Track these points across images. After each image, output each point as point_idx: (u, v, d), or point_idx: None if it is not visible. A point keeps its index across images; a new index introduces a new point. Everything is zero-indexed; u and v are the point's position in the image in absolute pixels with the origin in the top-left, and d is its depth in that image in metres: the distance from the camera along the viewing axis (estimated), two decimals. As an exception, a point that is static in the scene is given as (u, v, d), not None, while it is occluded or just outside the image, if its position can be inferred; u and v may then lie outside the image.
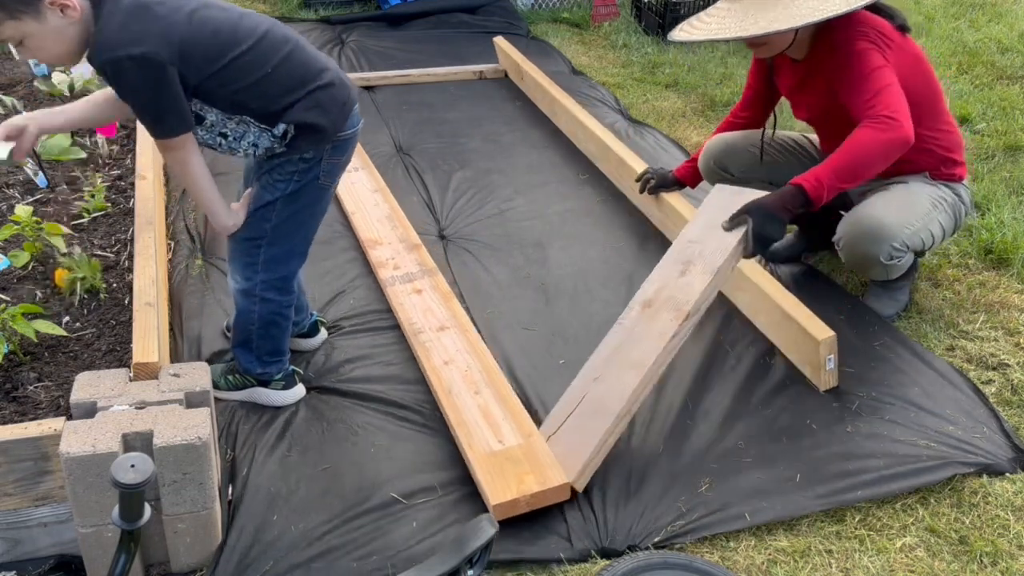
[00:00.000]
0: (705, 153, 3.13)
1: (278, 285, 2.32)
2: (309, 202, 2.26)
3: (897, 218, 2.66)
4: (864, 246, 2.67)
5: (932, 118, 2.70)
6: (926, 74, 2.69)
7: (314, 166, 2.21)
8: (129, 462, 1.45)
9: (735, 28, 2.58)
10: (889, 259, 2.68)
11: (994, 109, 4.43)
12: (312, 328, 2.67)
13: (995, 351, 2.74)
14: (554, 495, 2.11)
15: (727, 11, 2.67)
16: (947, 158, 2.77)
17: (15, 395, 2.17)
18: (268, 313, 2.34)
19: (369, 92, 4.68)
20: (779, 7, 2.55)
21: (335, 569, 1.97)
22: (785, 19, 2.51)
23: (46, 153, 3.08)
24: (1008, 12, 5.98)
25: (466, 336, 2.62)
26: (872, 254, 2.67)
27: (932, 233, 2.73)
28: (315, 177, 2.23)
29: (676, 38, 2.75)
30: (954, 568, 2.03)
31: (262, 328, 2.36)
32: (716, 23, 2.66)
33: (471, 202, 3.57)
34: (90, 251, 2.77)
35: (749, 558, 2.04)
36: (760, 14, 2.56)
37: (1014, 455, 2.32)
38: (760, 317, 2.78)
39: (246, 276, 2.30)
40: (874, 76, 2.49)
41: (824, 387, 2.53)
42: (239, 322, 2.38)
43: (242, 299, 2.34)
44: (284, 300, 2.35)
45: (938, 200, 2.75)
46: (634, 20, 5.94)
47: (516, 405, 2.36)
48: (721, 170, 3.08)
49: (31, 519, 1.93)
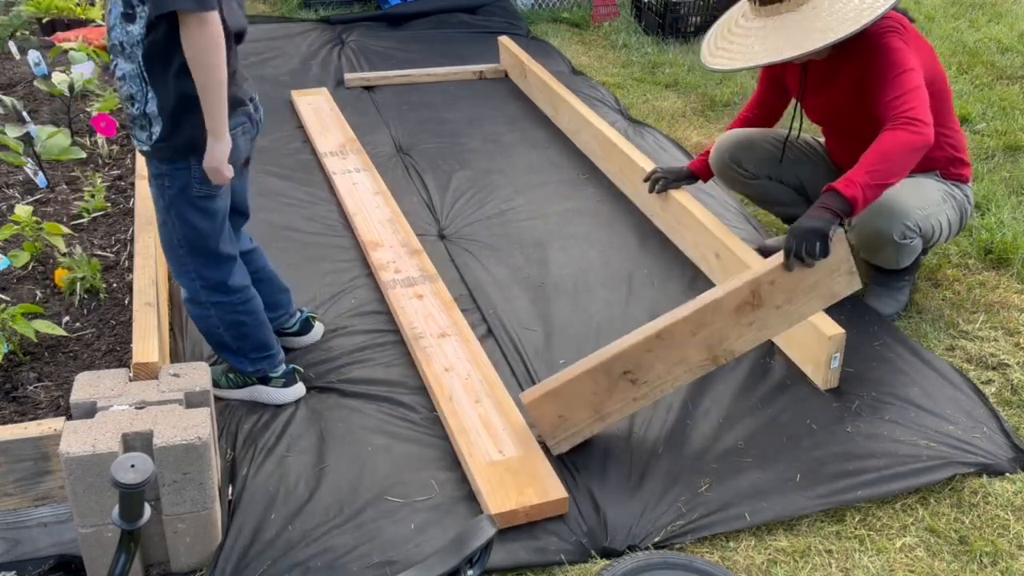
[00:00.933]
0: (718, 148, 3.10)
1: (219, 288, 2.30)
2: (195, 210, 2.19)
3: (910, 201, 2.67)
4: (878, 223, 2.67)
5: (944, 116, 2.71)
6: (940, 72, 2.71)
7: (182, 174, 2.14)
8: (129, 462, 1.45)
9: (782, 47, 2.52)
10: (902, 238, 2.67)
11: (994, 109, 4.43)
12: (304, 325, 2.67)
13: (995, 351, 2.74)
14: (553, 508, 2.11)
15: (760, 29, 2.62)
16: (956, 158, 2.79)
17: (15, 395, 2.17)
18: (225, 315, 2.32)
19: (369, 92, 4.68)
20: (815, 18, 2.51)
21: (334, 569, 1.97)
22: (835, 28, 2.46)
23: (46, 153, 3.08)
24: (1008, 12, 5.97)
25: (467, 346, 2.62)
26: (885, 231, 2.66)
27: (940, 224, 2.74)
28: (185, 186, 2.15)
29: (716, 66, 2.69)
30: (954, 568, 2.03)
31: (230, 329, 2.35)
32: (757, 45, 2.59)
33: (471, 202, 3.57)
34: (90, 251, 2.77)
35: (749, 558, 2.04)
36: (798, 30, 2.52)
37: (1014, 455, 2.32)
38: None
39: (185, 285, 2.31)
40: (905, 77, 2.47)
41: (825, 386, 2.52)
42: (203, 330, 2.38)
43: (192, 308, 2.34)
44: (234, 298, 2.32)
45: (947, 195, 2.77)
46: (634, 20, 5.93)
47: (516, 417, 2.35)
48: (735, 164, 3.07)
49: (31, 519, 1.93)
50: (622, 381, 2.25)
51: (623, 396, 2.27)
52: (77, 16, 4.67)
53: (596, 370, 2.22)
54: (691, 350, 2.27)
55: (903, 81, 2.47)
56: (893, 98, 2.46)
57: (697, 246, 3.10)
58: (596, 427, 2.28)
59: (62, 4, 4.64)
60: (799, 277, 2.31)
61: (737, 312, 2.28)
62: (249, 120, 2.22)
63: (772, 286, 2.29)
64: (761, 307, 2.30)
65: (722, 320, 2.27)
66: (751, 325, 2.30)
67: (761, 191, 3.11)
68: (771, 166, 3.05)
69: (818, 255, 2.27)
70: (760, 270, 2.30)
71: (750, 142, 3.06)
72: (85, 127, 3.55)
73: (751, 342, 2.33)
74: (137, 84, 2.06)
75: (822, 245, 2.27)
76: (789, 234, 2.32)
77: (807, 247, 2.26)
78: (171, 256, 2.28)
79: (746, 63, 2.59)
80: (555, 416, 2.23)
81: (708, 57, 2.75)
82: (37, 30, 4.67)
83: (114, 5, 2.02)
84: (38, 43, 4.48)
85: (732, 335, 2.30)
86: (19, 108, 3.28)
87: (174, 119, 2.07)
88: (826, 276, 2.34)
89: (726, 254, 2.89)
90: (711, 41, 2.82)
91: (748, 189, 3.13)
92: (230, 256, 2.31)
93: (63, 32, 4.50)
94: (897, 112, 2.44)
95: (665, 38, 5.60)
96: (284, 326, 2.62)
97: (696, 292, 2.96)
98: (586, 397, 2.24)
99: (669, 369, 2.27)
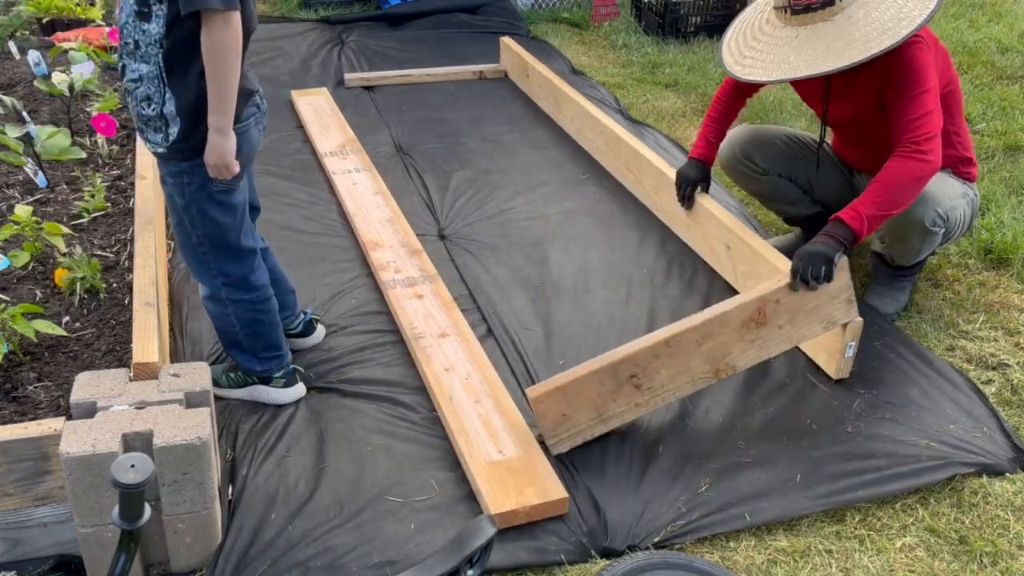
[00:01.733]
0: (729, 142, 3.09)
1: (240, 285, 2.30)
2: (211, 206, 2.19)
3: (938, 190, 2.68)
4: (911, 209, 2.64)
5: (956, 117, 2.73)
6: (955, 76, 2.71)
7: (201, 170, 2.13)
8: (129, 462, 1.45)
9: (820, 60, 2.50)
10: (933, 224, 2.67)
11: (994, 109, 4.43)
12: (307, 327, 2.67)
13: (995, 351, 2.74)
14: (553, 508, 2.11)
15: (791, 39, 2.58)
16: (965, 157, 2.81)
17: (15, 395, 2.17)
18: (243, 312, 2.33)
19: (369, 92, 4.68)
20: (852, 28, 2.49)
21: (334, 569, 1.97)
22: (876, 40, 2.44)
23: (46, 153, 3.08)
24: (1008, 12, 5.97)
25: (467, 346, 2.62)
26: (917, 216, 2.66)
27: (959, 217, 2.75)
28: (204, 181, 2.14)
29: (749, 77, 2.65)
30: (954, 568, 2.03)
31: (246, 327, 2.35)
32: (793, 56, 2.55)
33: (471, 202, 3.57)
34: (90, 251, 2.77)
35: (749, 558, 2.04)
36: (836, 41, 2.49)
37: (1014, 455, 2.32)
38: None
39: (207, 282, 2.30)
40: (924, 98, 2.49)
41: (838, 375, 2.54)
42: (219, 328, 2.38)
43: (212, 305, 2.34)
44: (255, 296, 2.32)
45: (963, 191, 2.79)
46: (634, 20, 5.93)
47: (516, 417, 2.35)
48: (746, 159, 3.06)
49: (31, 519, 1.93)
50: (627, 385, 2.27)
51: (626, 400, 2.28)
52: (77, 16, 4.68)
53: (603, 371, 2.24)
54: (695, 360, 2.32)
55: (921, 103, 2.49)
56: (908, 120, 2.49)
57: (706, 238, 3.10)
58: (597, 429, 2.29)
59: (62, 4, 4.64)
60: (802, 300, 2.38)
61: (742, 327, 2.34)
62: (259, 110, 2.22)
63: (777, 305, 2.36)
64: (764, 325, 2.36)
65: (727, 334, 2.33)
66: (753, 342, 2.37)
67: (770, 187, 3.10)
68: (782, 162, 3.05)
69: (823, 279, 2.36)
70: (767, 288, 2.37)
71: (762, 138, 3.06)
72: (85, 127, 3.55)
73: (752, 359, 2.39)
74: (155, 85, 2.03)
75: (827, 270, 2.36)
76: (796, 257, 2.39)
77: (813, 270, 2.35)
78: (191, 255, 2.27)
79: (784, 75, 2.56)
80: (559, 414, 2.24)
81: (735, 66, 2.72)
82: (37, 30, 4.67)
83: (125, 3, 2.00)
84: (38, 43, 4.48)
85: (735, 350, 2.35)
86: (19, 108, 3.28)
87: (193, 119, 2.06)
88: (827, 301, 2.42)
89: (737, 245, 2.90)
90: (732, 47, 2.78)
91: (756, 185, 3.12)
92: (251, 250, 2.32)
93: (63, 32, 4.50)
94: (909, 137, 2.47)
95: (665, 38, 5.60)
96: (288, 327, 2.62)
97: (696, 291, 2.98)
98: (591, 397, 2.25)
99: (673, 377, 2.31)
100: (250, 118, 2.16)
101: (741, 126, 3.12)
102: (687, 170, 3.12)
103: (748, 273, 2.86)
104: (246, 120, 2.14)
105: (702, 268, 3.12)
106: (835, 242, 2.41)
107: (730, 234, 2.92)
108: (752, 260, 2.82)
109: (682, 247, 3.25)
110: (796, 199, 3.11)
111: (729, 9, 5.62)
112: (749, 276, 2.85)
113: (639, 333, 2.76)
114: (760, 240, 2.86)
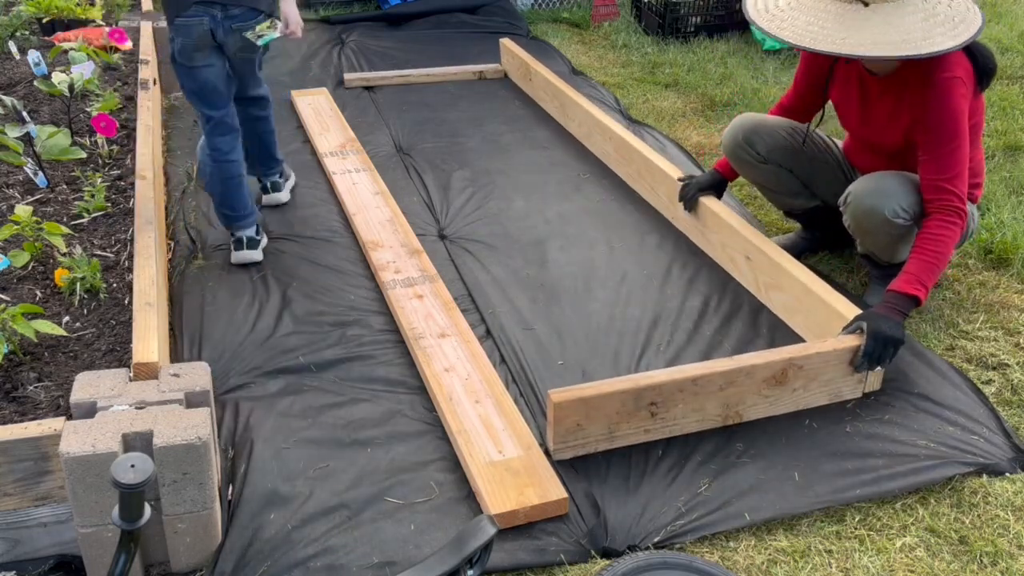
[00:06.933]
0: (732, 127, 3.10)
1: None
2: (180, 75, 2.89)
3: (907, 185, 2.69)
4: (871, 199, 2.69)
5: (975, 144, 2.73)
6: (981, 105, 2.70)
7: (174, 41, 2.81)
8: (129, 462, 1.45)
9: (871, 43, 2.43)
10: (894, 216, 2.67)
11: (994, 109, 4.43)
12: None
13: (995, 351, 2.74)
14: (553, 508, 2.11)
15: (840, 16, 2.51)
16: (974, 182, 2.80)
17: (15, 395, 2.17)
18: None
19: (369, 92, 4.68)
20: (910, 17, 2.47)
21: (334, 569, 1.97)
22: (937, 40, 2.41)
23: (46, 153, 3.08)
24: (1008, 12, 5.97)
25: (467, 346, 2.62)
26: (878, 208, 2.67)
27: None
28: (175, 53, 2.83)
29: (788, 39, 2.52)
30: (954, 568, 2.03)
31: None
32: (843, 32, 2.46)
33: (471, 202, 3.57)
34: (90, 251, 2.77)
35: (749, 558, 2.04)
36: (893, 29, 2.45)
37: (1014, 455, 2.32)
38: (797, 317, 2.76)
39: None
40: (959, 154, 2.56)
41: (868, 389, 2.52)
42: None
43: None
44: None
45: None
46: (634, 20, 5.94)
47: (516, 417, 2.35)
48: (748, 145, 3.06)
49: (31, 519, 1.93)
50: (644, 410, 2.28)
51: (638, 424, 2.29)
52: (77, 16, 4.68)
53: (627, 393, 2.24)
54: (712, 402, 2.34)
55: (957, 159, 2.56)
56: (946, 178, 2.56)
57: (724, 248, 3.10)
58: (602, 445, 2.30)
59: (62, 4, 4.64)
60: (821, 370, 2.42)
61: (763, 382, 2.37)
62: (211, 16, 2.78)
63: (799, 370, 2.39)
64: (782, 385, 2.39)
65: (748, 385, 2.36)
66: (767, 398, 2.40)
67: (770, 177, 3.10)
68: (783, 153, 3.05)
69: (890, 354, 2.41)
70: (796, 351, 2.39)
71: (766, 126, 3.06)
72: (85, 127, 3.55)
73: (758, 413, 2.42)
74: None
75: (895, 354, 2.42)
76: (869, 336, 2.41)
77: (890, 356, 2.42)
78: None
79: (830, 48, 2.46)
80: (574, 423, 2.24)
81: (768, 22, 2.59)
82: (37, 30, 4.67)
83: None
84: (38, 43, 4.48)
85: (748, 401, 2.38)
86: (19, 108, 3.28)
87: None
88: (841, 377, 2.45)
89: (757, 255, 2.90)
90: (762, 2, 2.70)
91: (755, 172, 3.12)
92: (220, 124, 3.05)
93: (63, 32, 4.51)
94: (946, 197, 2.55)
95: (665, 38, 5.60)
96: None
97: (696, 291, 2.98)
98: (608, 414, 2.25)
99: (686, 413, 2.33)
100: (194, 16, 2.75)
101: (747, 113, 3.13)
102: (701, 176, 3.20)
103: (771, 285, 2.86)
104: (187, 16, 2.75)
105: (703, 268, 3.12)
106: (903, 318, 2.44)
107: (749, 245, 2.93)
108: (773, 272, 2.83)
109: (682, 247, 3.25)
110: (795, 191, 3.11)
111: (729, 9, 5.62)
112: (772, 288, 2.86)
113: (638, 334, 2.76)
114: (777, 248, 2.87)
